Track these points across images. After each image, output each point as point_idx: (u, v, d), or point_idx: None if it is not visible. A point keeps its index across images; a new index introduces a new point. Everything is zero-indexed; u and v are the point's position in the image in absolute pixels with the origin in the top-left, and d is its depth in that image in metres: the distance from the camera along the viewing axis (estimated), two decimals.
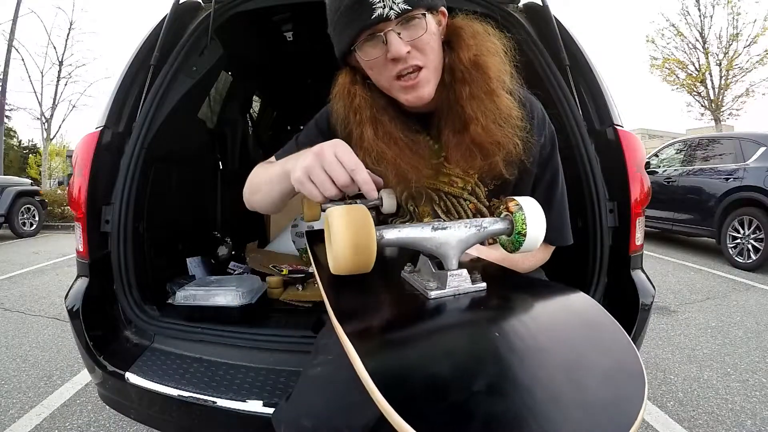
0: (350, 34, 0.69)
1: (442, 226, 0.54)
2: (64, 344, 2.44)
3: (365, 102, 0.76)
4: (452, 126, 0.75)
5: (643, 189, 1.21)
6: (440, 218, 0.87)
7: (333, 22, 0.72)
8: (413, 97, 0.73)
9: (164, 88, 1.34)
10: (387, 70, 0.71)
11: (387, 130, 0.75)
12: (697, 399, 1.84)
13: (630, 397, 0.34)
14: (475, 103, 0.72)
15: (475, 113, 0.72)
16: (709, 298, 3.31)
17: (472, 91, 0.72)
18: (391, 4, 0.66)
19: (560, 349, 0.43)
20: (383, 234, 0.52)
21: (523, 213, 0.56)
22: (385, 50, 0.69)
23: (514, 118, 0.74)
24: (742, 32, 11.27)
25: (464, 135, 0.74)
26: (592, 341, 0.45)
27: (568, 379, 0.37)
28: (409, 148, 0.76)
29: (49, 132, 13.73)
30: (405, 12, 0.67)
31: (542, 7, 1.37)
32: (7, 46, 11.00)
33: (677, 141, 5.89)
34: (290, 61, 2.66)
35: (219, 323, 1.25)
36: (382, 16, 0.66)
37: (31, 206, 6.95)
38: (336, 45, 0.75)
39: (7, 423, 1.66)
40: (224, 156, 2.51)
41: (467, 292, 0.53)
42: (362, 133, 0.75)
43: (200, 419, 1.03)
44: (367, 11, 0.66)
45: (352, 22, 0.68)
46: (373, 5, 0.66)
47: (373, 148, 0.75)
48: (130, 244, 1.25)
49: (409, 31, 0.69)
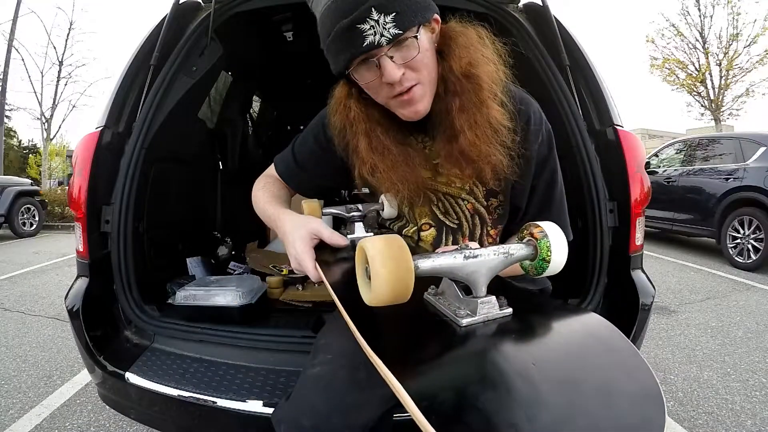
0: (344, 59, 0.70)
1: (474, 254, 0.55)
2: (64, 344, 2.44)
3: (359, 116, 0.78)
4: (443, 135, 0.77)
5: (643, 189, 1.21)
6: (439, 219, 0.87)
7: (326, 45, 0.72)
8: (410, 112, 0.75)
9: (164, 88, 1.34)
10: (383, 91, 0.73)
11: (380, 142, 0.78)
12: (697, 399, 1.84)
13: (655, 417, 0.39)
14: (464, 116, 0.73)
15: (463, 126, 0.73)
16: (709, 298, 3.31)
17: (462, 103, 0.73)
18: (381, 30, 0.65)
19: (592, 375, 0.45)
20: (419, 264, 0.52)
21: (548, 240, 0.57)
22: (379, 73, 0.69)
23: (503, 131, 0.75)
24: (742, 32, 11.28)
25: (453, 145, 0.75)
26: (617, 365, 0.47)
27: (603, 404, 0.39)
28: (402, 160, 0.78)
29: (49, 132, 13.73)
30: (396, 36, 0.66)
31: (542, 7, 1.37)
32: (7, 46, 11.03)
33: (677, 141, 5.89)
34: (290, 61, 2.66)
35: (219, 323, 1.25)
36: (373, 43, 0.66)
37: (31, 206, 6.95)
38: (331, 65, 0.75)
39: (7, 423, 1.66)
40: (224, 156, 2.51)
41: (495, 318, 0.55)
42: (357, 145, 0.79)
43: (200, 419, 1.03)
44: (359, 38, 0.66)
45: (344, 49, 0.68)
46: (363, 33, 0.65)
47: (367, 160, 0.78)
48: (130, 244, 1.25)
49: (402, 52, 0.69)
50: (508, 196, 0.88)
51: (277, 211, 0.83)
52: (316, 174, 0.94)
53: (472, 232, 0.87)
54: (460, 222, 0.87)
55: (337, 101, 0.81)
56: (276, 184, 0.95)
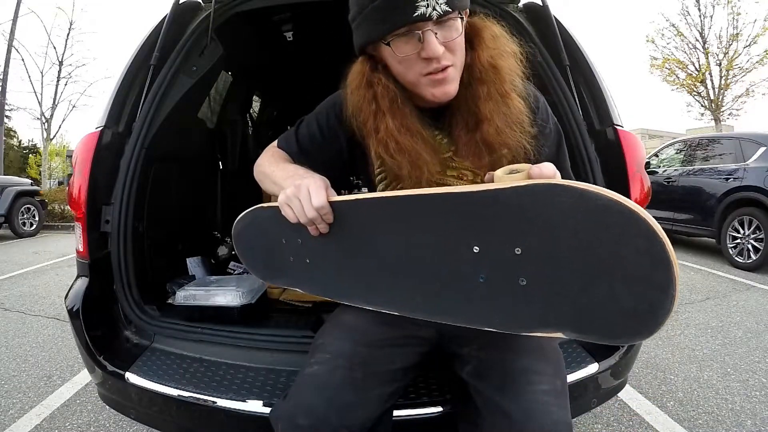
0: (386, 27, 0.69)
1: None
2: (64, 344, 2.44)
3: (387, 91, 0.76)
4: (465, 123, 0.77)
5: (643, 189, 1.21)
6: None
7: (364, 11, 0.71)
8: (440, 92, 0.74)
9: (164, 88, 1.34)
10: (417, 67, 0.72)
11: (407, 122, 0.76)
12: (697, 399, 1.84)
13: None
14: (490, 103, 0.74)
15: (490, 114, 0.74)
16: (709, 298, 3.31)
17: (489, 91, 0.74)
18: (434, 4, 0.66)
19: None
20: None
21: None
22: (419, 47, 0.69)
23: (524, 122, 0.75)
24: (742, 32, 11.26)
25: (475, 133, 0.75)
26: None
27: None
28: (426, 142, 0.77)
29: (49, 132, 13.71)
30: (446, 13, 0.68)
31: (542, 7, 1.37)
32: (7, 46, 11.01)
33: (677, 141, 5.89)
34: (290, 61, 2.66)
35: (219, 323, 1.25)
36: (424, 15, 0.66)
37: (31, 206, 6.95)
38: (361, 35, 0.74)
39: (7, 423, 1.66)
40: (224, 156, 2.51)
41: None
42: (379, 124, 0.76)
43: (200, 419, 1.03)
44: (410, 7, 0.66)
45: (392, 15, 0.68)
46: (416, 2, 0.66)
47: (392, 138, 0.75)
48: (130, 244, 1.25)
49: (444, 31, 0.70)
50: None
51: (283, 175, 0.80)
52: (316, 160, 0.90)
53: None
54: None
55: (357, 76, 0.78)
56: (286, 158, 0.91)
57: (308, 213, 0.70)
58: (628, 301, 0.50)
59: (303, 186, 0.71)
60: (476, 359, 0.79)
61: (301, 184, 0.71)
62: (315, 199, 0.70)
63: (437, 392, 0.97)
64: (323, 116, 0.88)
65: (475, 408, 0.76)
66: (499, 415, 0.71)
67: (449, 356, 0.86)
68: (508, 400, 0.71)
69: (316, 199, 0.70)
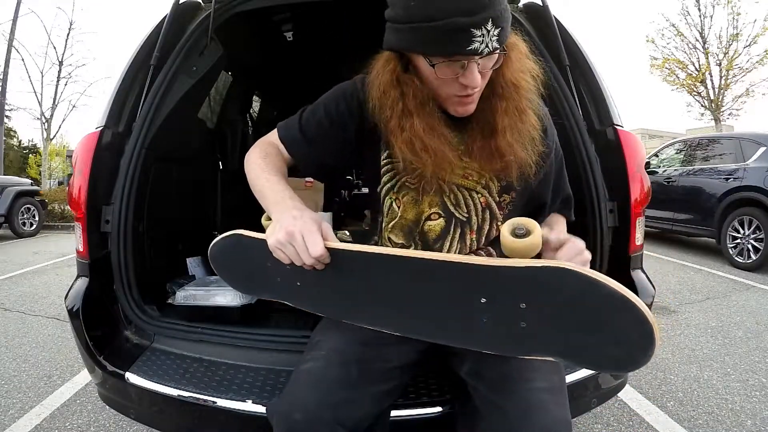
0: (437, 50, 0.69)
1: None
2: (64, 344, 2.44)
3: (418, 93, 0.76)
4: (480, 131, 0.80)
5: (643, 189, 1.21)
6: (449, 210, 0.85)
7: (416, 23, 0.68)
8: (462, 111, 0.78)
9: (164, 88, 1.34)
10: (452, 88, 0.74)
11: (433, 122, 0.78)
12: (697, 399, 1.84)
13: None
14: (507, 118, 0.77)
15: (505, 128, 0.77)
16: (709, 298, 3.31)
17: (507, 106, 0.78)
18: (488, 41, 0.67)
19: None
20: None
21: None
22: (459, 72, 0.71)
23: (535, 138, 0.80)
24: (742, 32, 11.27)
25: (489, 141, 0.79)
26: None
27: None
28: (450, 143, 0.79)
29: (49, 132, 13.71)
30: (495, 50, 0.69)
31: (542, 7, 1.37)
32: (7, 46, 11.00)
33: (677, 141, 5.89)
34: (290, 61, 2.66)
35: (219, 323, 1.25)
36: (476, 50, 0.67)
37: (31, 206, 6.94)
38: (404, 41, 0.72)
39: (7, 423, 1.66)
40: (224, 156, 2.51)
41: None
42: (404, 123, 0.77)
43: (200, 419, 1.03)
44: (466, 41, 0.66)
45: (447, 43, 0.67)
46: (473, 37, 0.66)
47: (418, 138, 0.76)
48: (130, 244, 1.25)
49: (485, 62, 0.72)
50: (523, 195, 0.88)
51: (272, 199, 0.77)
52: (318, 147, 0.88)
53: (480, 227, 0.86)
54: (469, 215, 0.85)
55: (387, 74, 0.77)
56: (279, 156, 0.88)
57: (305, 260, 0.69)
58: (614, 352, 0.59)
59: (296, 233, 0.68)
60: (474, 358, 0.78)
61: (294, 230, 0.68)
62: (312, 248, 0.68)
63: (437, 392, 0.97)
64: (332, 104, 0.87)
65: (474, 407, 0.76)
66: (497, 413, 0.71)
67: (447, 355, 0.86)
68: (505, 398, 0.71)
69: (313, 248, 0.68)
